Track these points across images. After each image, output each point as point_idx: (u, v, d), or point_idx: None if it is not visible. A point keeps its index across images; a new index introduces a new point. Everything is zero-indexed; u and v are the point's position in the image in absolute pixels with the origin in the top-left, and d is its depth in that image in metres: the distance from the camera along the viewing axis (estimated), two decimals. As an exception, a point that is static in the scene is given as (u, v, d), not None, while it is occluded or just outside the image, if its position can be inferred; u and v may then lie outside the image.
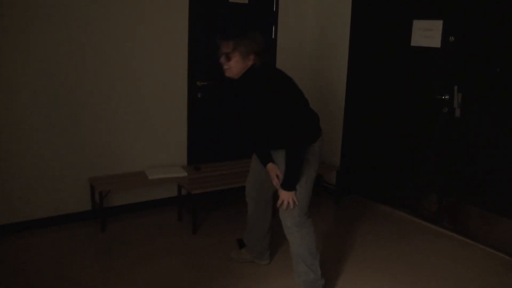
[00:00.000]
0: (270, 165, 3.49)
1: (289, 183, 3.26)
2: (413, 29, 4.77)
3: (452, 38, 4.48)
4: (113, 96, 4.63)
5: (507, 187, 4.27)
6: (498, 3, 4.13)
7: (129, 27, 4.58)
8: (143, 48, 4.70)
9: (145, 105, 4.83)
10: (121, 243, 4.29)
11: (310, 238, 3.40)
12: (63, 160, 4.49)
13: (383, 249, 4.36)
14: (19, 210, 4.37)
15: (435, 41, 4.60)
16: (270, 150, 3.49)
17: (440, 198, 4.80)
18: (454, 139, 4.60)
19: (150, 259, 4.03)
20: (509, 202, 4.27)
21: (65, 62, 4.33)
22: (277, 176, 3.41)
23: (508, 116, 4.19)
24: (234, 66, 3.17)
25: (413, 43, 4.79)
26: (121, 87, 4.66)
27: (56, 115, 4.38)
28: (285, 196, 3.27)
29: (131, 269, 3.86)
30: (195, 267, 3.94)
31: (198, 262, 4.02)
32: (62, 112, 4.40)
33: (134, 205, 4.97)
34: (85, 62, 4.42)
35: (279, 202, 3.31)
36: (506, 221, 4.30)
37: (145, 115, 4.85)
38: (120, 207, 4.89)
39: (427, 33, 4.65)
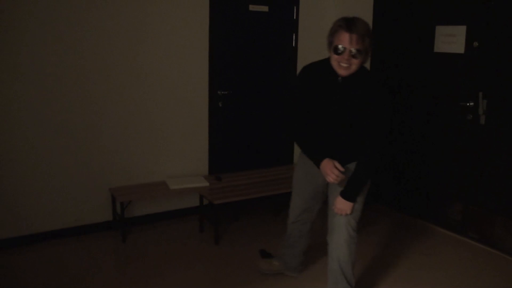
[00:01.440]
0: (326, 160, 3.06)
1: (353, 194, 3.09)
2: (436, 35, 4.70)
3: (476, 44, 4.40)
4: (134, 106, 4.63)
5: (535, 195, 4.18)
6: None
7: (149, 37, 4.58)
8: (164, 57, 4.69)
9: (166, 115, 4.82)
10: (142, 254, 4.27)
11: (355, 254, 3.33)
12: (83, 171, 4.49)
13: (407, 260, 4.28)
14: (40, 221, 4.37)
15: (458, 47, 4.53)
16: (343, 154, 3.16)
17: (465, 207, 4.71)
18: (479, 146, 4.51)
19: (172, 270, 3.99)
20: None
21: (86, 71, 4.34)
22: (336, 168, 3.04)
23: (536, 122, 4.11)
24: (356, 64, 2.87)
25: (436, 49, 4.72)
26: (141, 97, 4.66)
27: (75, 125, 4.38)
28: (344, 206, 3.11)
29: (152, 280, 3.83)
30: (218, 279, 3.90)
31: (221, 273, 3.98)
32: (81, 123, 4.41)
33: (155, 215, 4.95)
34: (106, 72, 4.43)
35: (336, 210, 3.16)
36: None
37: (166, 124, 4.84)
38: (141, 217, 4.87)
39: (450, 39, 4.58)
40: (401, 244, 4.59)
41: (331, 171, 3.01)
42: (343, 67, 2.87)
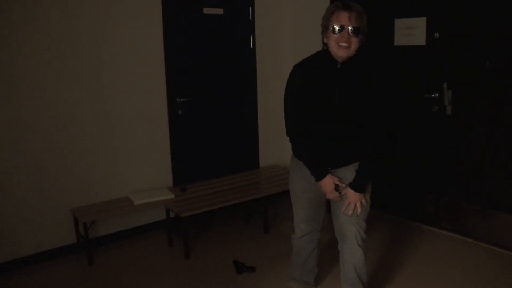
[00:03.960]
0: (328, 178, 2.99)
1: (362, 183, 2.97)
2: (395, 28, 4.65)
3: (437, 35, 4.37)
4: (89, 120, 4.42)
5: (503, 182, 4.17)
6: (482, -5, 4.03)
7: (99, 47, 4.37)
8: (117, 67, 4.49)
9: (124, 127, 4.62)
10: (110, 275, 4.07)
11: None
12: (41, 193, 4.26)
13: (384, 257, 4.22)
14: (-1, 250, 4.13)
15: (419, 39, 4.48)
16: (348, 152, 3.02)
17: (436, 199, 4.68)
18: (446, 137, 4.48)
19: (143, 290, 3.82)
20: (506, 197, 4.17)
21: (37, 89, 4.11)
22: (336, 187, 3.02)
23: (500, 109, 4.09)
24: (356, 44, 2.77)
25: (396, 43, 4.66)
26: (97, 110, 4.45)
27: (30, 144, 4.14)
28: (355, 198, 2.99)
29: (124, 304, 3.65)
30: (192, 296, 3.75)
31: (195, 290, 3.83)
32: (36, 141, 4.17)
33: (121, 233, 4.74)
34: (58, 87, 4.21)
35: (345, 205, 3.02)
36: (506, 216, 4.19)
37: (125, 137, 4.64)
38: (107, 236, 4.66)
39: (410, 31, 4.53)
40: (375, 241, 4.51)
41: (331, 192, 3.02)
42: (342, 46, 2.76)
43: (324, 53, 2.89)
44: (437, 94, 4.45)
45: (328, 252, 4.18)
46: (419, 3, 4.45)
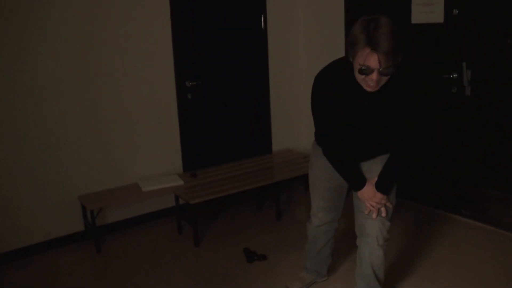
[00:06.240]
0: (367, 188, 2.86)
1: (388, 185, 2.82)
2: (412, 5, 4.44)
3: (455, 11, 4.16)
4: (97, 105, 4.32)
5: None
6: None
7: (104, 26, 4.25)
8: (122, 51, 4.37)
9: (132, 112, 4.51)
10: (119, 264, 3.99)
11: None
12: (48, 180, 4.18)
13: (402, 244, 4.07)
14: (6, 240, 4.05)
15: (437, 16, 4.28)
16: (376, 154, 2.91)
17: (455, 184, 4.50)
18: (466, 119, 4.30)
19: (151, 278, 3.73)
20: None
21: (47, 72, 4.01)
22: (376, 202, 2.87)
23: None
24: (386, 78, 2.41)
25: (413, 21, 4.46)
26: (105, 95, 4.34)
27: (36, 131, 4.06)
28: (377, 199, 2.84)
29: (130, 293, 3.57)
30: (201, 284, 3.64)
31: (204, 278, 3.72)
32: (42, 128, 4.08)
33: (129, 220, 4.66)
34: (63, 70, 4.10)
35: (369, 209, 2.88)
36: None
37: (133, 122, 4.53)
38: (115, 223, 4.58)
39: (427, 8, 4.33)
40: (394, 227, 4.34)
41: (372, 199, 2.85)
42: (370, 85, 2.42)
43: (350, 69, 2.50)
44: (456, 75, 4.25)
45: (343, 242, 4.05)
46: (437, -22, 4.24)
